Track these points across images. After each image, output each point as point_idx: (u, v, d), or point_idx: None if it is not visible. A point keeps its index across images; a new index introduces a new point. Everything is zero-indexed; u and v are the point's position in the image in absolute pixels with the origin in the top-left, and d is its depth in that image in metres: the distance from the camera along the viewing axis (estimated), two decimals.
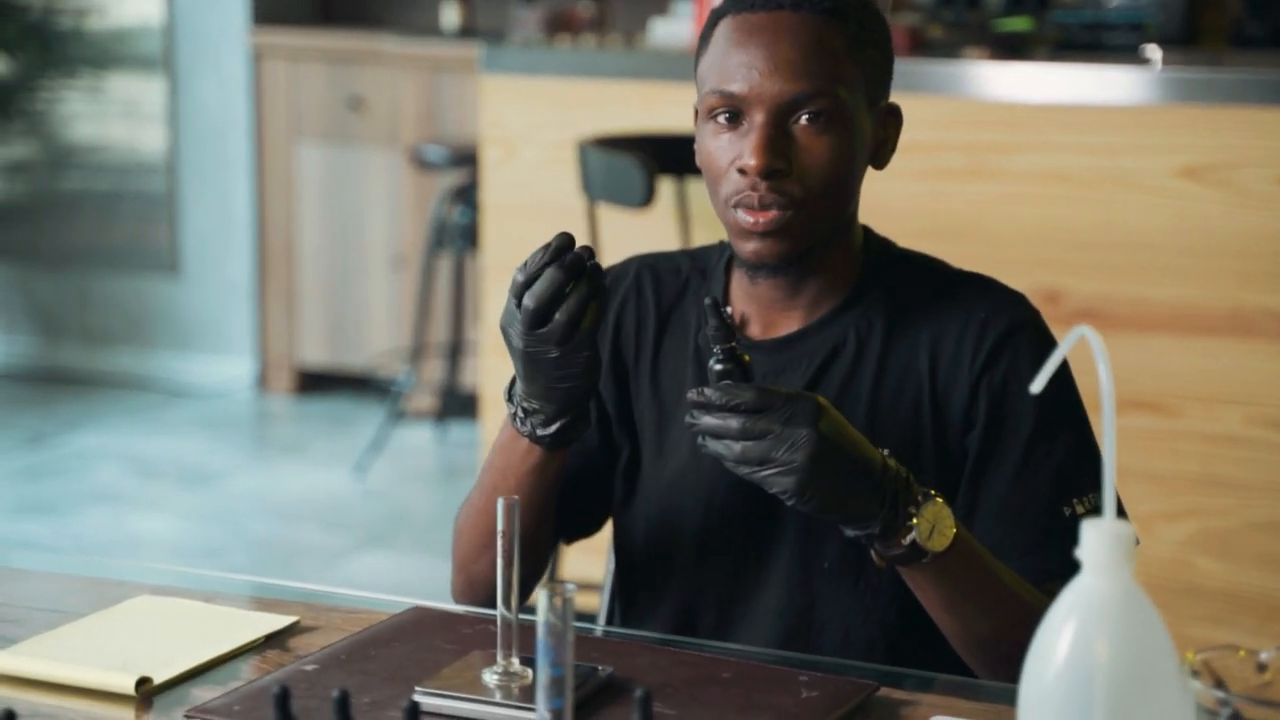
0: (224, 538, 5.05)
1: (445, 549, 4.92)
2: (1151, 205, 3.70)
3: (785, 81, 1.81)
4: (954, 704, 1.68)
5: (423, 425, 6.09)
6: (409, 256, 6.23)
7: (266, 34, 6.40)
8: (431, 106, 6.13)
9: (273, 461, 5.85)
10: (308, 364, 6.50)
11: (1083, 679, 1.27)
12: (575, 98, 4.13)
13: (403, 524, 5.23)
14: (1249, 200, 3.64)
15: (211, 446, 5.95)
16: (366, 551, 4.96)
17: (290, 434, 6.20)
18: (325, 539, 5.06)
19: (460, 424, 6.07)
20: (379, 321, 6.34)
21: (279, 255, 6.45)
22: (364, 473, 5.63)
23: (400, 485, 5.58)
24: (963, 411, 1.86)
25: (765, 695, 1.62)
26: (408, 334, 6.22)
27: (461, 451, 5.92)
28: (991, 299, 1.91)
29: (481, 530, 1.92)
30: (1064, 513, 1.84)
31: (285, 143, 6.39)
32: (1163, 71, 3.79)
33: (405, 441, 5.93)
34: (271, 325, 6.51)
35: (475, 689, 1.59)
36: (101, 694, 1.62)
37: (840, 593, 1.87)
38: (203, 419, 6.25)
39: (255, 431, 6.26)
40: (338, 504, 5.38)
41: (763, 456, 1.67)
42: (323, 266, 6.39)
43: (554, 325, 1.74)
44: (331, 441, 6.01)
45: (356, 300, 6.36)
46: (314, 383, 6.61)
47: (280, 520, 5.22)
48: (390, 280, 6.30)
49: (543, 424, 1.82)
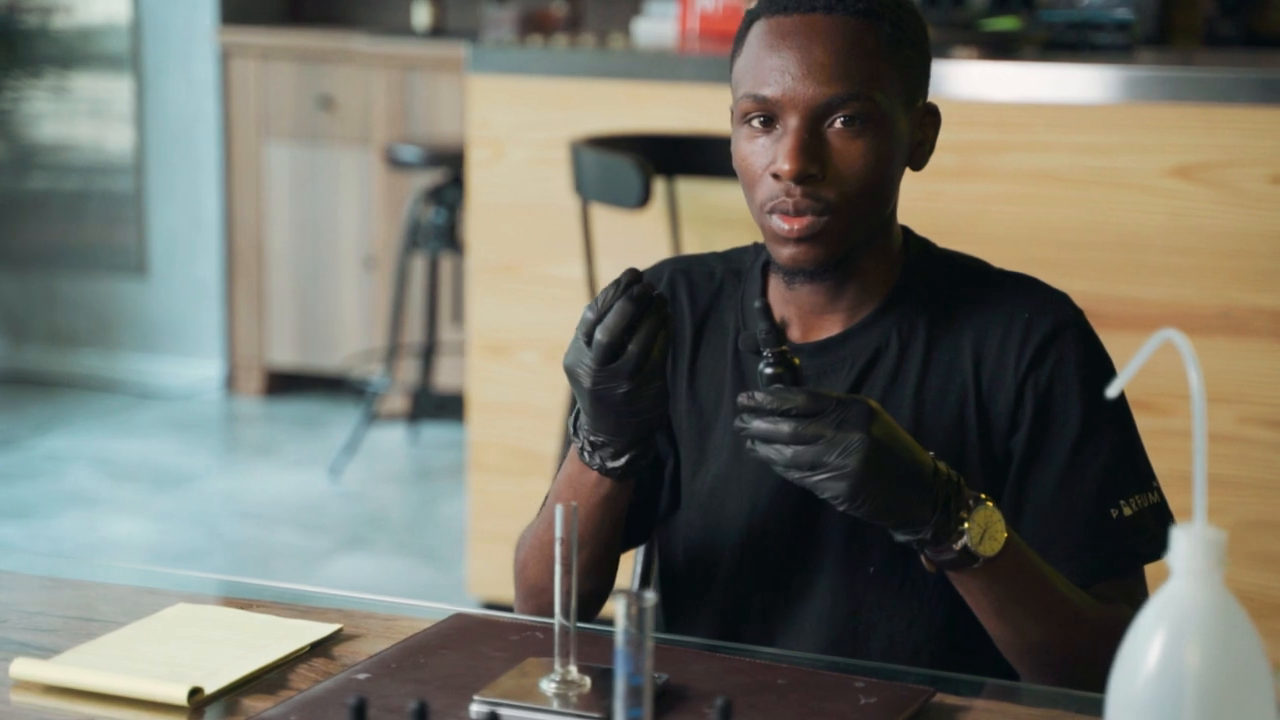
0: (201, 540, 5.00)
1: (424, 550, 4.94)
2: (1144, 204, 3.70)
3: (819, 85, 1.80)
4: (1007, 709, 1.67)
5: (395, 427, 6.05)
6: (381, 257, 6.20)
7: (235, 33, 6.35)
8: (403, 106, 6.10)
9: (245, 463, 5.81)
10: (277, 365, 6.46)
11: (1173, 686, 1.26)
12: (563, 98, 4.10)
13: (380, 526, 5.20)
14: (1242, 199, 3.64)
15: (182, 448, 5.90)
16: (346, 553, 4.93)
17: (261, 436, 6.16)
18: (303, 541, 5.03)
19: (433, 425, 6.05)
20: (350, 322, 6.31)
21: (248, 256, 6.41)
22: (338, 474, 5.60)
23: (375, 487, 5.55)
24: (1008, 413, 1.85)
25: (823, 702, 1.61)
26: (379, 335, 6.19)
27: (434, 453, 5.89)
28: (1035, 299, 1.90)
29: (551, 560, 1.87)
30: (1111, 514, 1.83)
31: (254, 142, 6.35)
32: (1155, 70, 3.79)
33: (378, 443, 5.89)
34: (240, 326, 6.47)
35: (534, 697, 1.57)
36: (152, 704, 1.60)
37: (886, 597, 1.86)
38: (172, 421, 6.21)
39: (225, 433, 6.22)
40: (313, 506, 5.34)
41: (814, 461, 1.66)
42: (293, 267, 6.35)
43: (626, 358, 1.71)
44: (303, 443, 5.98)
45: (327, 301, 6.32)
46: (283, 384, 6.57)
47: (256, 522, 5.18)
48: (361, 281, 6.26)
49: (612, 457, 1.79)
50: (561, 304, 4.11)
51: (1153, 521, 1.86)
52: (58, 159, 6.65)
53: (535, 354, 4.16)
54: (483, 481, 4.25)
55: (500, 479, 4.23)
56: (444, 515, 5.27)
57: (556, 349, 4.13)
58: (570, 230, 4.06)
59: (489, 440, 4.24)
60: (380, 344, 6.17)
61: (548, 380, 4.15)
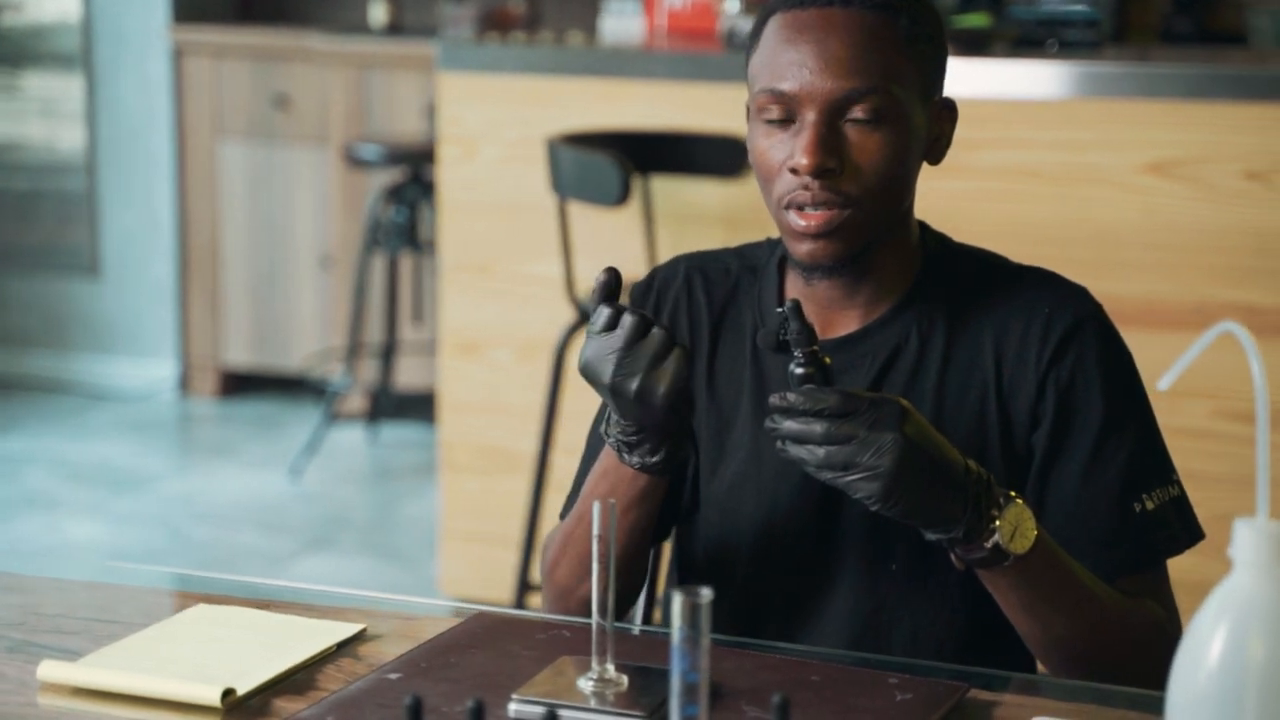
0: (163, 542, 4.97)
1: (388, 550, 4.91)
2: (1118, 200, 3.72)
3: (836, 79, 1.79)
4: (1038, 703, 1.66)
5: (353, 426, 6.02)
6: (338, 256, 6.16)
7: (188, 31, 6.31)
8: (361, 105, 6.07)
9: (203, 464, 5.77)
10: (232, 366, 6.42)
11: (1236, 680, 1.25)
12: (535, 95, 4.09)
13: (343, 526, 5.17)
14: (1216, 195, 3.66)
15: (138, 450, 5.86)
16: (310, 554, 4.90)
17: (217, 436, 6.11)
18: (266, 542, 4.99)
19: (393, 425, 6.02)
20: (306, 322, 6.27)
21: (203, 255, 6.36)
22: (299, 475, 5.56)
23: (336, 487, 5.52)
24: (1029, 408, 1.85)
25: (860, 699, 1.60)
26: (336, 335, 6.16)
27: (395, 452, 5.86)
28: (1055, 293, 1.90)
29: (584, 558, 1.86)
30: (1134, 508, 1.83)
31: (208, 141, 6.30)
32: (1129, 66, 3.81)
33: (337, 443, 5.86)
34: (195, 326, 6.42)
35: (573, 696, 1.56)
36: (182, 706, 1.58)
37: (908, 594, 1.85)
38: (127, 422, 6.16)
39: (181, 434, 6.17)
40: (274, 506, 5.31)
41: (847, 461, 1.65)
42: (248, 267, 6.31)
43: (651, 338, 1.70)
44: (261, 444, 5.94)
45: (283, 301, 6.29)
46: (238, 384, 6.53)
47: (218, 524, 5.15)
48: (318, 280, 6.22)
49: (650, 452, 1.78)
50: (534, 302, 4.10)
51: (1174, 515, 1.86)
52: (8, 159, 6.59)
53: (507, 352, 4.15)
54: (454, 480, 4.24)
55: (471, 478, 4.21)
56: (408, 515, 5.25)
57: (529, 347, 4.12)
58: (542, 228, 4.04)
59: (460, 439, 4.22)
60: (337, 343, 6.14)
61: (520, 379, 4.13)
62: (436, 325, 4.47)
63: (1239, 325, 1.28)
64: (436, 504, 5.16)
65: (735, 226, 3.94)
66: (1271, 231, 3.63)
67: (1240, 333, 1.28)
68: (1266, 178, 3.62)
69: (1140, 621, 1.82)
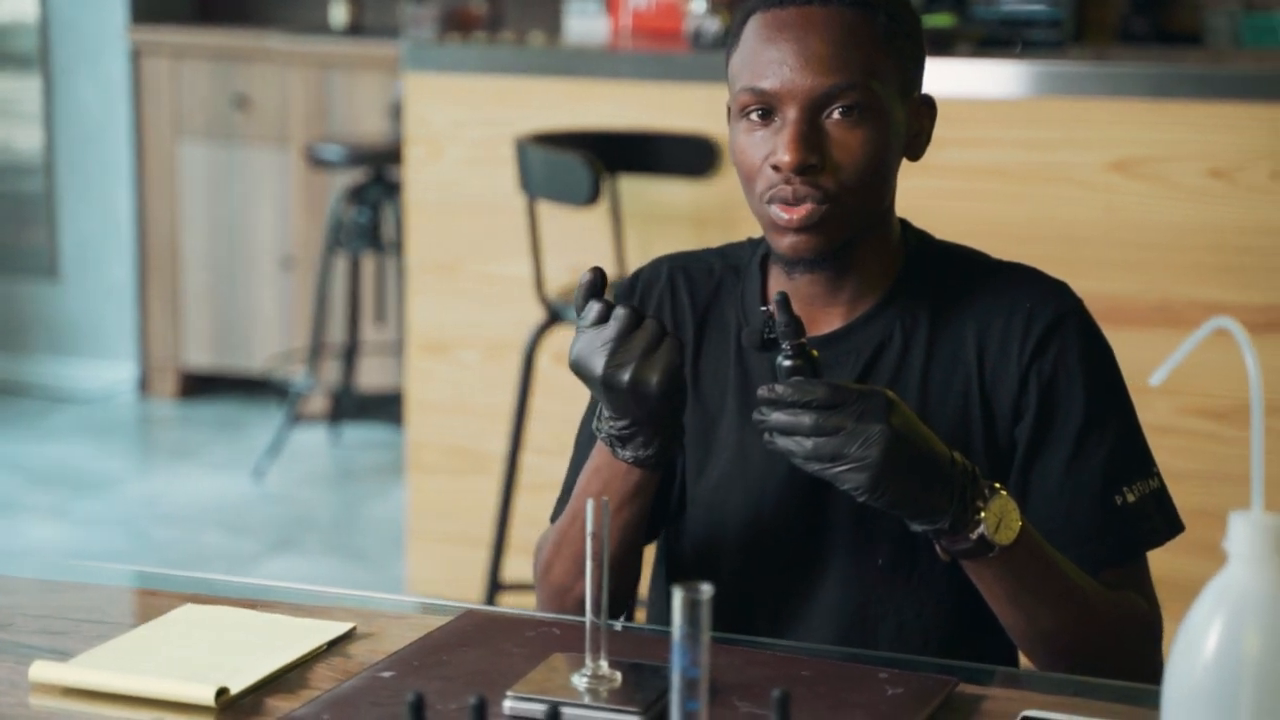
0: (127, 544, 4.95)
1: (355, 551, 4.91)
2: (1082, 199, 3.74)
3: (817, 76, 1.81)
4: (1026, 696, 1.68)
5: (315, 428, 6.01)
6: (298, 257, 6.15)
7: (146, 32, 6.29)
8: (322, 105, 6.06)
9: (165, 466, 5.75)
10: (192, 367, 6.40)
11: (1231, 673, 1.26)
12: (501, 95, 4.09)
13: (307, 527, 5.16)
14: (1178, 194, 3.69)
15: (99, 452, 5.83)
16: (276, 555, 4.90)
17: (178, 438, 6.10)
18: (231, 543, 4.98)
19: (355, 426, 6.01)
20: (267, 323, 6.26)
21: (162, 257, 6.34)
22: (262, 476, 5.55)
23: (299, 488, 5.51)
24: (1012, 402, 1.87)
25: (852, 694, 1.61)
26: (297, 335, 6.15)
27: (358, 453, 5.86)
28: (1036, 288, 1.91)
29: (578, 557, 1.86)
30: (1115, 501, 1.85)
31: (168, 142, 6.28)
32: (1092, 66, 3.84)
33: (299, 444, 5.85)
34: (154, 328, 6.40)
35: (567, 693, 1.57)
36: (175, 705, 1.58)
37: (894, 589, 1.87)
38: (86, 424, 6.13)
39: (142, 436, 6.15)
40: (238, 508, 5.30)
41: (835, 453, 1.66)
42: (208, 268, 6.29)
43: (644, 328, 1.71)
44: (222, 445, 5.92)
45: (243, 302, 6.27)
46: (198, 386, 6.51)
47: (181, 525, 5.14)
48: (279, 281, 6.21)
49: (642, 445, 1.78)
50: (500, 302, 4.11)
51: (1154, 507, 1.89)
52: None
53: (475, 352, 4.15)
54: (421, 481, 4.24)
55: (439, 478, 4.22)
56: (372, 516, 5.24)
57: (496, 347, 4.12)
58: (509, 228, 4.05)
59: (427, 439, 4.22)
60: (298, 344, 6.13)
61: (487, 379, 4.14)
62: (403, 325, 4.47)
63: (1233, 321, 1.29)
64: (401, 505, 5.16)
65: (703, 226, 3.95)
66: (1235, 229, 3.66)
67: (1235, 329, 1.30)
68: (1230, 176, 3.65)
69: (1123, 613, 1.84)
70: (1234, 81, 3.73)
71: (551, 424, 3.98)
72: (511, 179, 3.95)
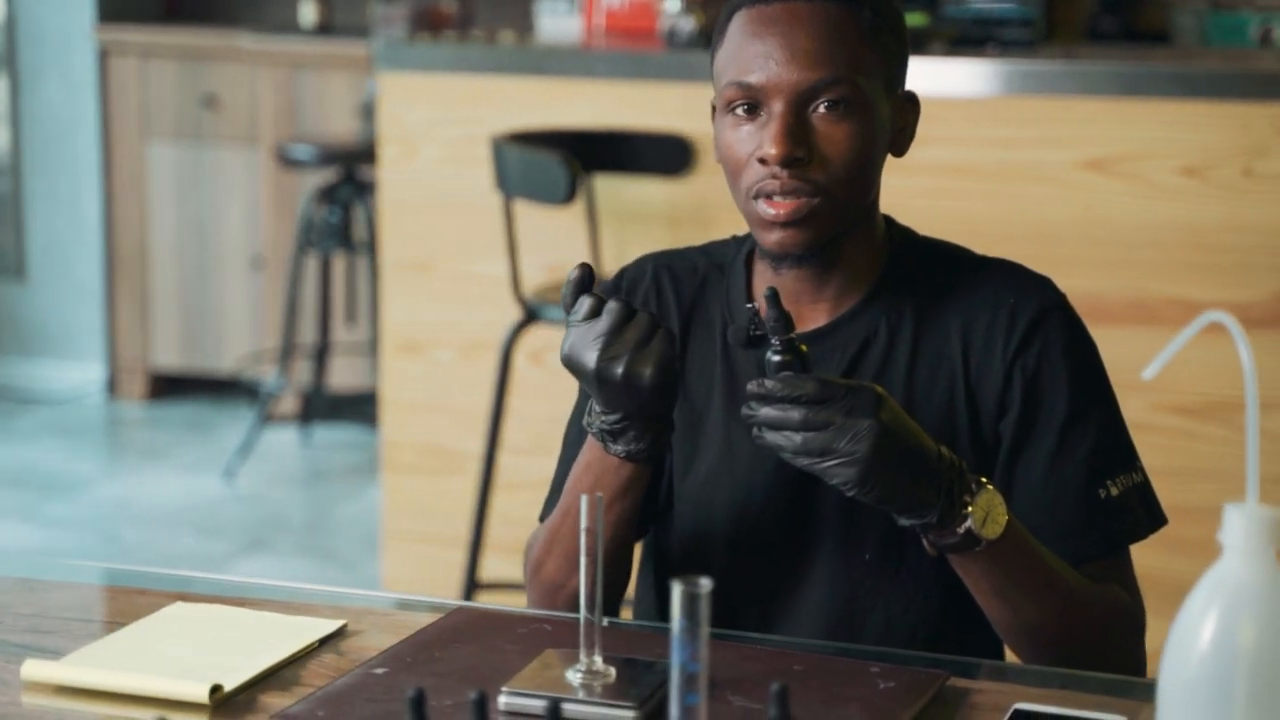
0: (98, 546, 4.94)
1: (328, 552, 4.90)
2: (1057, 197, 3.76)
3: (803, 70, 1.81)
4: (1016, 690, 1.69)
5: (286, 428, 6.00)
6: (269, 257, 6.14)
7: (113, 31, 6.27)
8: (291, 104, 6.05)
9: (135, 467, 5.73)
10: (161, 368, 6.38)
11: (1226, 664, 1.27)
12: (476, 94, 4.09)
13: (280, 527, 5.15)
14: (1152, 191, 3.70)
15: (68, 454, 5.81)
16: (249, 556, 4.89)
17: (148, 439, 6.08)
18: (203, 544, 4.97)
19: (325, 427, 6.00)
20: (236, 324, 6.24)
21: (131, 257, 6.32)
22: (233, 477, 5.54)
23: (271, 489, 5.50)
24: (996, 397, 1.88)
25: (844, 688, 1.62)
26: (267, 336, 6.14)
27: (329, 454, 5.85)
28: (1019, 284, 1.93)
29: (570, 554, 1.85)
30: (1099, 495, 1.86)
31: (136, 142, 6.26)
32: (1066, 64, 3.85)
33: (270, 445, 5.84)
34: (123, 329, 6.38)
35: (561, 688, 1.57)
36: (169, 702, 1.58)
37: (882, 583, 1.87)
38: (55, 425, 6.11)
39: (111, 437, 6.13)
40: (209, 509, 5.29)
41: (824, 448, 1.67)
42: (177, 268, 6.27)
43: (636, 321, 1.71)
44: (192, 446, 5.91)
45: (213, 302, 6.25)
46: (167, 387, 6.49)
47: (153, 527, 5.12)
48: (249, 281, 6.20)
49: (634, 440, 1.78)
50: (475, 301, 4.10)
51: (1138, 501, 1.90)
52: None
53: (450, 352, 4.15)
54: (396, 480, 4.23)
55: (414, 478, 4.21)
56: (344, 516, 5.23)
57: (471, 346, 4.12)
58: (483, 227, 4.05)
59: (402, 439, 4.21)
60: (268, 345, 6.11)
61: (463, 378, 4.13)
62: (378, 325, 4.46)
63: (1227, 315, 1.30)
64: (373, 505, 5.16)
65: (678, 225, 3.96)
66: (1208, 227, 3.68)
67: (1229, 323, 1.30)
68: (1203, 174, 3.67)
69: (1108, 606, 1.85)
70: (1206, 80, 3.75)
71: (528, 423, 3.98)
72: (486, 178, 3.95)
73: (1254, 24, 5.69)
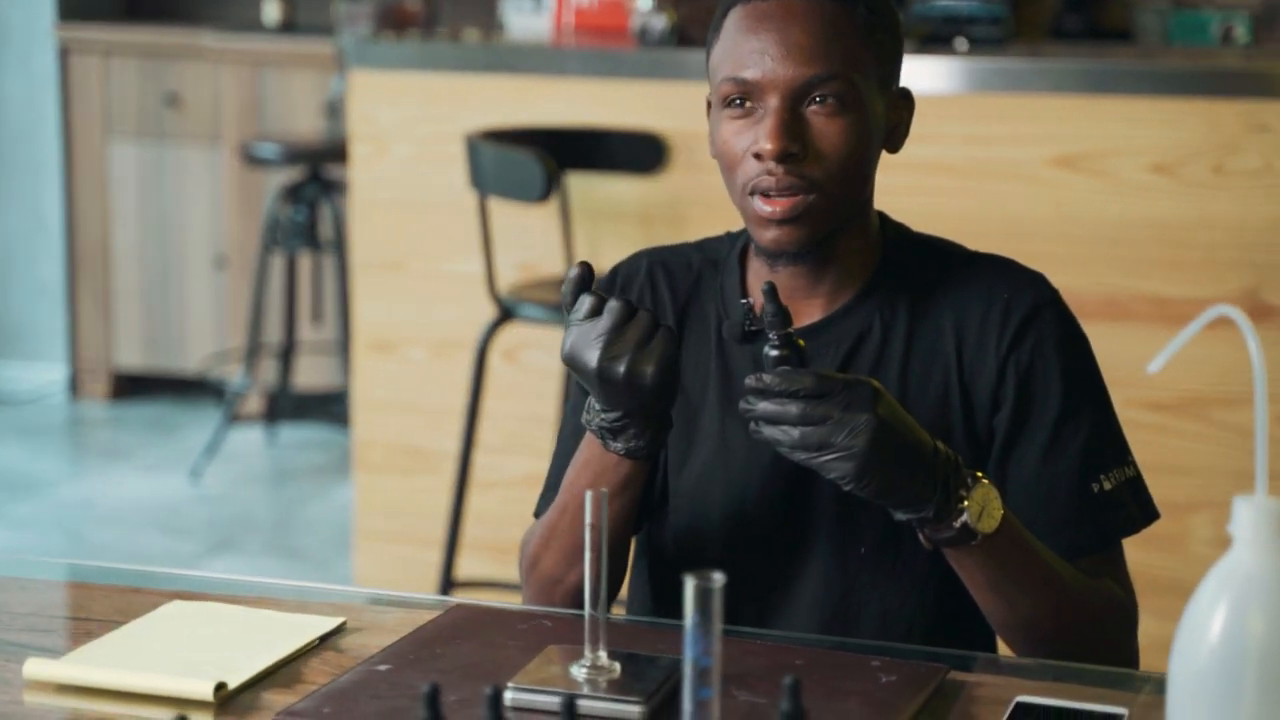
0: (65, 546, 4.91)
1: (296, 552, 4.89)
2: (1027, 194, 3.77)
3: (798, 65, 1.82)
4: (1014, 683, 1.69)
5: (251, 428, 5.98)
6: (232, 256, 6.12)
7: (74, 29, 6.24)
8: (255, 103, 6.03)
9: (99, 468, 5.71)
10: (124, 368, 6.36)
11: (1236, 655, 1.28)
12: (447, 92, 4.08)
13: (247, 528, 5.14)
14: (1122, 188, 3.72)
15: (31, 454, 5.79)
16: (217, 556, 4.87)
17: (111, 439, 6.05)
18: (171, 545, 4.95)
19: (290, 426, 5.99)
20: (200, 323, 6.22)
21: (93, 257, 6.29)
22: (199, 477, 5.52)
23: (237, 489, 5.48)
24: (990, 392, 1.88)
25: (846, 682, 1.63)
26: (231, 335, 6.12)
27: (294, 453, 5.83)
28: (1013, 279, 1.94)
29: (568, 549, 1.86)
30: (1092, 489, 1.87)
31: (98, 141, 6.24)
32: (1036, 62, 3.87)
33: (235, 444, 5.81)
34: (85, 328, 6.35)
35: (567, 684, 1.57)
36: (171, 700, 1.57)
37: (878, 577, 1.88)
38: (17, 426, 6.08)
39: (74, 437, 6.11)
40: (176, 509, 5.27)
41: (822, 442, 1.67)
42: (139, 268, 6.25)
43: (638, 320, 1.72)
44: (157, 446, 5.88)
45: (176, 302, 6.23)
46: (130, 387, 6.46)
47: (120, 527, 5.10)
48: (213, 281, 6.18)
49: (634, 437, 1.78)
50: (448, 300, 4.10)
51: (1130, 495, 1.91)
52: None
53: (422, 350, 4.14)
54: (368, 480, 4.22)
55: (386, 477, 4.20)
56: (312, 516, 5.22)
57: (443, 345, 4.11)
58: (455, 226, 4.04)
59: (374, 438, 4.20)
60: (232, 344, 6.09)
61: (435, 377, 4.13)
62: (349, 324, 4.45)
63: (1235, 310, 1.31)
64: (341, 504, 5.15)
65: (652, 223, 3.96)
66: (1178, 223, 3.70)
67: (1238, 317, 1.31)
68: (1172, 170, 3.69)
69: (1101, 601, 1.86)
70: (1176, 77, 3.77)
71: (501, 421, 3.98)
72: (458, 176, 3.95)
73: (1215, 22, 5.71)
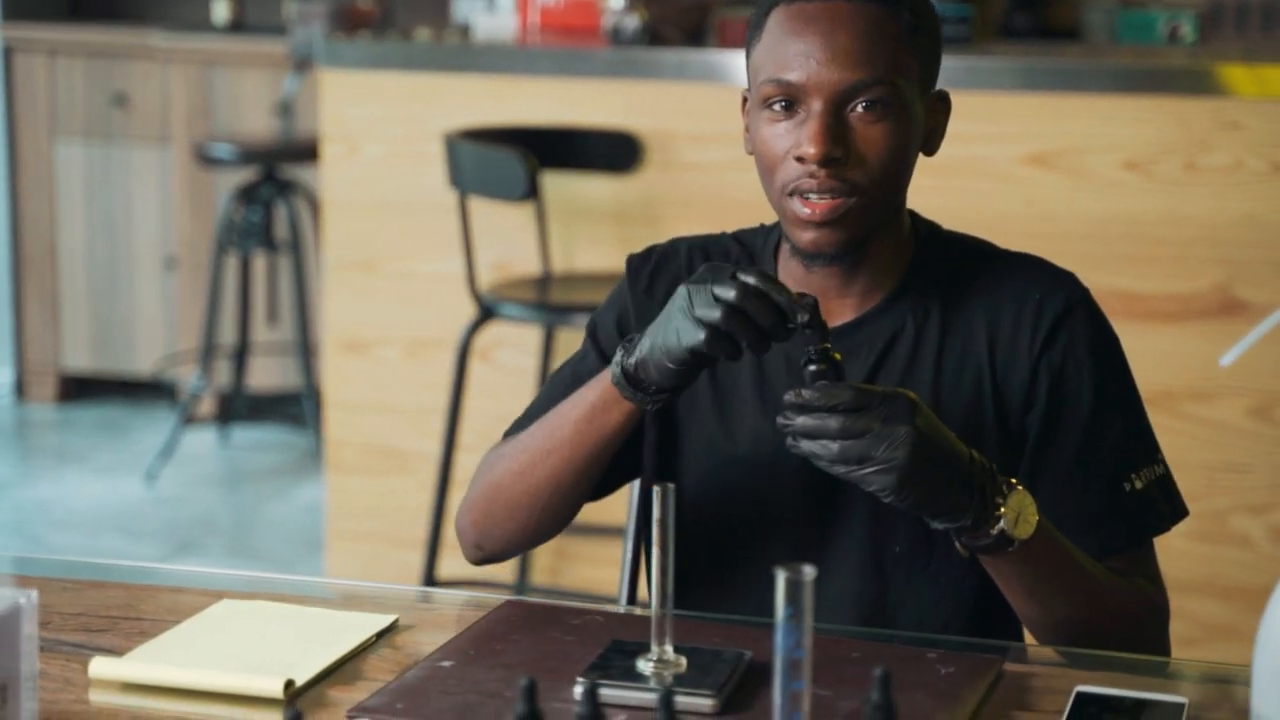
0: (24, 549, 4.87)
1: (258, 553, 4.87)
2: (999, 192, 3.81)
3: (843, 70, 1.83)
4: (1068, 674, 1.73)
5: (205, 429, 5.94)
6: (183, 257, 6.08)
7: (18, 29, 6.18)
8: (205, 103, 6.00)
9: (51, 471, 5.66)
10: (72, 370, 6.31)
11: None
12: (418, 92, 4.08)
13: (207, 530, 5.11)
14: (1095, 185, 3.76)
15: None
16: (180, 559, 4.84)
17: (61, 442, 6.00)
18: (133, 548, 4.92)
19: (244, 427, 5.96)
20: (150, 324, 6.18)
21: (39, 258, 6.24)
22: (154, 479, 5.48)
23: (193, 491, 5.45)
24: (1023, 392, 1.90)
25: (907, 674, 1.64)
26: (182, 337, 6.08)
27: (249, 455, 5.81)
28: (1045, 279, 1.96)
29: (532, 491, 1.88)
30: (1124, 488, 1.89)
31: (44, 142, 6.18)
32: (1008, 60, 3.90)
33: (189, 446, 5.78)
34: (32, 331, 6.29)
35: (636, 677, 1.58)
36: (238, 698, 1.57)
37: (913, 576, 1.89)
38: None
39: (22, 441, 6.05)
40: (133, 512, 5.23)
41: (862, 455, 1.68)
42: (87, 269, 6.20)
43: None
44: (108, 449, 5.84)
45: (125, 303, 6.19)
46: (78, 389, 6.41)
47: (79, 531, 5.06)
48: (163, 282, 6.14)
49: (653, 400, 1.80)
50: (421, 300, 4.09)
51: (1161, 493, 1.92)
52: None
53: (394, 350, 4.13)
54: (340, 480, 4.21)
55: (358, 477, 4.19)
56: (273, 517, 5.20)
57: (415, 345, 4.11)
58: (428, 225, 4.04)
59: (346, 438, 4.19)
60: (183, 346, 6.06)
61: (408, 377, 4.12)
62: (319, 324, 4.44)
63: None
64: (302, 505, 5.14)
65: (627, 222, 3.97)
66: (1150, 220, 3.74)
67: None
68: (1144, 168, 3.73)
69: (1135, 600, 1.88)
70: (1146, 76, 3.81)
71: (476, 420, 3.97)
72: (431, 175, 3.94)
73: (1162, 21, 5.75)
